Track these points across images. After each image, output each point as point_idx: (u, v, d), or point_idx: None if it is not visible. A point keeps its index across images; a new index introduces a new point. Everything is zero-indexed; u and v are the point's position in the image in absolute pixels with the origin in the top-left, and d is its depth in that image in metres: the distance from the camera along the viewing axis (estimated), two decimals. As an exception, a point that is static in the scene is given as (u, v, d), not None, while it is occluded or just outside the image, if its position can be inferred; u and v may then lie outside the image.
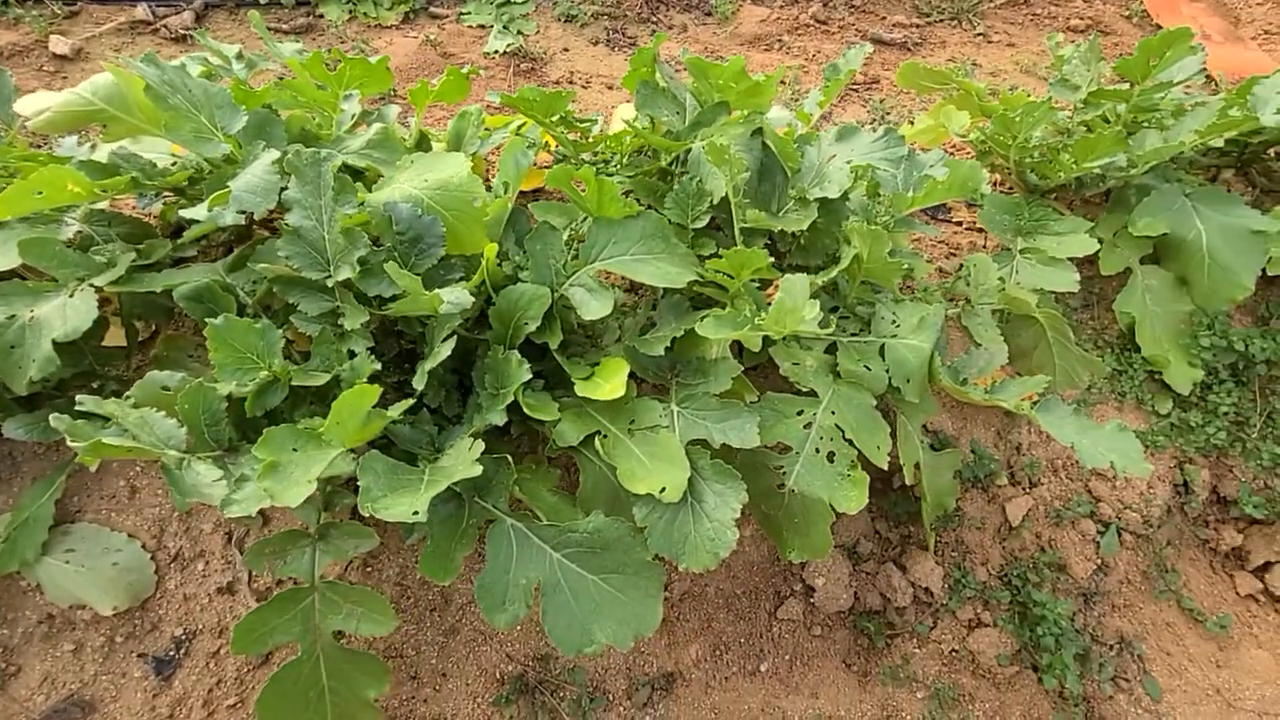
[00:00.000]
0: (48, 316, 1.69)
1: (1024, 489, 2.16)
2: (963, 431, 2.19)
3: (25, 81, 3.32)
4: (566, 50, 3.81)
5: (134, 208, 2.32)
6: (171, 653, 1.79)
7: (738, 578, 2.07)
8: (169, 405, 1.56)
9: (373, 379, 1.58)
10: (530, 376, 1.53)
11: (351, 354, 1.69)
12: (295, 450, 1.39)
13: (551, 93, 1.91)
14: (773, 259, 1.76)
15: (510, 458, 1.59)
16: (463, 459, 1.47)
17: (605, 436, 1.64)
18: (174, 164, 2.06)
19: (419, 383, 1.59)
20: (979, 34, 4.21)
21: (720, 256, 1.69)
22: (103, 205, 2.13)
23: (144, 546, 1.82)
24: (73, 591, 1.73)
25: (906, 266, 1.80)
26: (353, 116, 2.12)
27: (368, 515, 1.26)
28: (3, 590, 1.75)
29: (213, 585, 1.84)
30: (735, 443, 1.60)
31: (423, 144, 2.24)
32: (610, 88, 3.60)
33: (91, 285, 1.74)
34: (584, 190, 1.71)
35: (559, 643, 1.47)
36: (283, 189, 1.63)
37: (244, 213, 1.61)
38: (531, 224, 2.00)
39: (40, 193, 1.62)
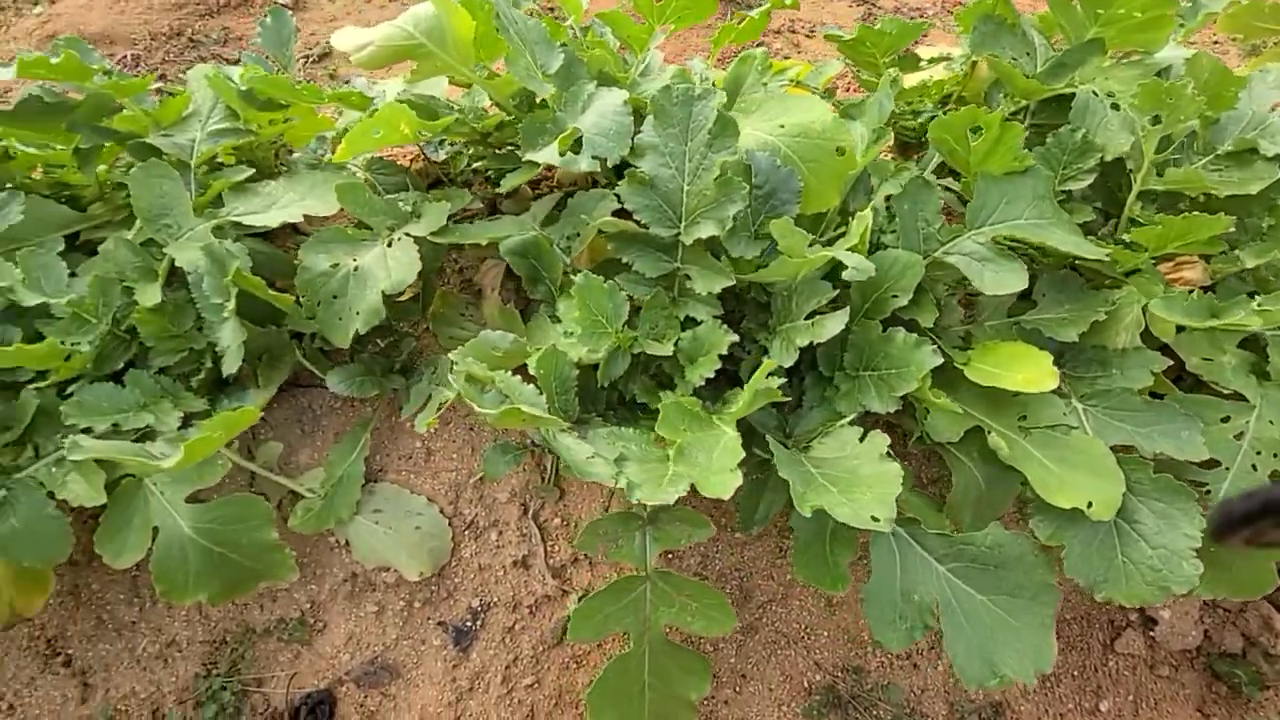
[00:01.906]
0: (371, 267, 1.60)
1: None
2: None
3: (251, 30, 3.36)
4: (783, -4, 3.48)
5: (389, 154, 2.24)
6: (469, 624, 1.72)
7: (1067, 600, 1.79)
8: (503, 368, 1.44)
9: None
10: (941, 361, 1.29)
11: (691, 321, 1.51)
12: (685, 430, 1.23)
13: (911, 23, 1.63)
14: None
15: (888, 452, 1.38)
16: (860, 453, 1.26)
17: (990, 434, 1.39)
18: (457, 109, 1.94)
19: (785, 358, 1.39)
20: (1267, -27, 3.54)
21: (1138, 224, 1.39)
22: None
23: (441, 512, 1.74)
24: (381, 553, 1.67)
25: None
26: (643, 60, 1.92)
27: (808, 513, 1.08)
28: (312, 546, 1.72)
29: (508, 558, 1.74)
30: (1173, 452, 1.32)
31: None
32: (837, 37, 3.26)
33: (409, 235, 1.64)
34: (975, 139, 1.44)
35: (960, 672, 1.26)
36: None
37: (598, 158, 1.44)
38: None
39: (378, 132, 1.51)
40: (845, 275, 1.28)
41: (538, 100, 1.79)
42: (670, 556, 1.73)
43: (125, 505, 1.45)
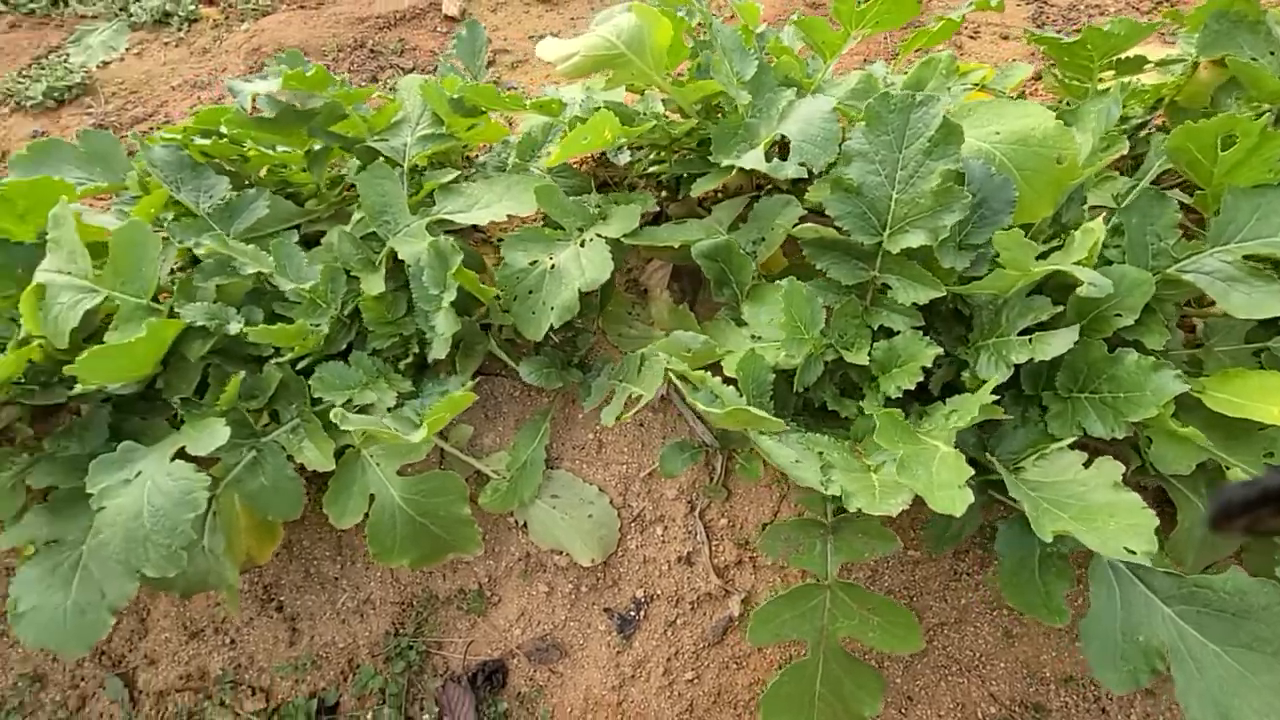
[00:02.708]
0: (566, 265, 1.68)
1: None
2: None
3: (424, 41, 3.63)
4: (944, -3, 3.35)
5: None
6: (633, 613, 1.78)
7: None
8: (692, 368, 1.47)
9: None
10: (1187, 388, 1.20)
11: (885, 331, 1.49)
12: (899, 442, 1.21)
13: (1142, 23, 1.52)
14: None
15: (1109, 480, 1.29)
16: (1087, 480, 1.19)
17: (1229, 470, 1.27)
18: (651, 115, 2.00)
19: (997, 374, 1.34)
20: None
21: None
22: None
23: (611, 503, 1.81)
24: (557, 537, 1.76)
25: None
26: (828, 66, 1.91)
27: (1048, 538, 1.03)
28: (492, 524, 1.84)
29: (672, 553, 1.78)
30: None
31: (893, 95, 1.98)
32: (1005, 38, 3.10)
33: (601, 236, 1.71)
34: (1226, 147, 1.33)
35: (1191, 725, 1.17)
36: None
37: (804, 165, 1.45)
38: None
39: (586, 138, 1.60)
40: (1080, 291, 1.21)
41: (714, 104, 1.83)
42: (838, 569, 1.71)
43: (349, 473, 1.61)
